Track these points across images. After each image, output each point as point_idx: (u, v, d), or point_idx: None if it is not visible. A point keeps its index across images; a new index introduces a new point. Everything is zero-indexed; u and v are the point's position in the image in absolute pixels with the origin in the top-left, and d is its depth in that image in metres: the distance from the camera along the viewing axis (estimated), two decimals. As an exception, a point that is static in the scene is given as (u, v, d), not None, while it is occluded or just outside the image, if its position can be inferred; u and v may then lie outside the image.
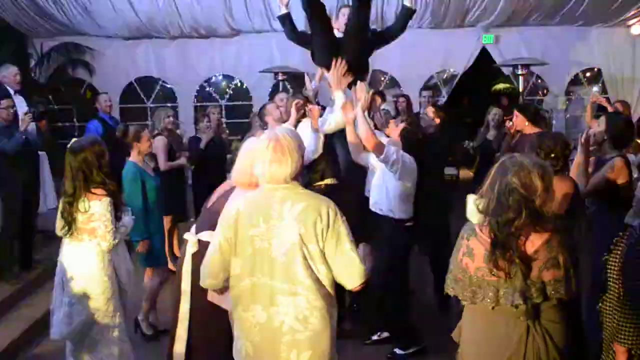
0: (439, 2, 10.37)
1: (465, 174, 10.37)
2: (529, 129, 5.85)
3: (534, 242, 2.51)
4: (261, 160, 2.81)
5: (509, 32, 11.27)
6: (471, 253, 2.61)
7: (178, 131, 9.69)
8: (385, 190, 4.93)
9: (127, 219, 4.19)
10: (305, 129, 5.07)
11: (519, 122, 5.94)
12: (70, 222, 3.91)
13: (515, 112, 6.00)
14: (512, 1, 10.37)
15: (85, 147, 3.96)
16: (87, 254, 3.95)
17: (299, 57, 10.92)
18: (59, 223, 3.98)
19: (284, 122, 5.29)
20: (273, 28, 10.80)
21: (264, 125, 5.67)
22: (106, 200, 3.91)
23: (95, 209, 3.89)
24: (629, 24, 11.20)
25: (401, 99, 9.20)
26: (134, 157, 5.26)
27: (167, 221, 7.02)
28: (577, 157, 4.51)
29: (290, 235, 2.72)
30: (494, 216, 2.53)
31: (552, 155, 4.05)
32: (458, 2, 10.43)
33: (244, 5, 10.24)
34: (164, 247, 5.67)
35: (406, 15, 6.38)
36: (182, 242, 3.71)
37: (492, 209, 2.54)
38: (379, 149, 4.61)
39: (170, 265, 6.61)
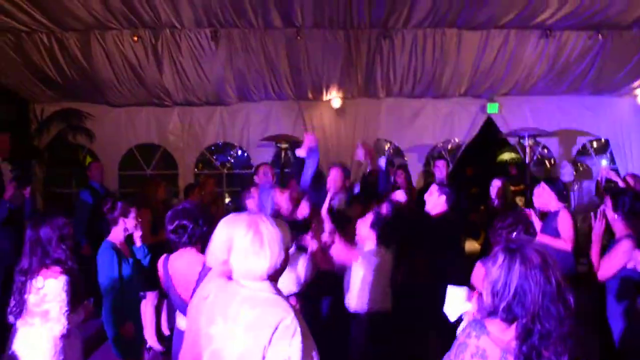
0: (441, 72, 10.34)
1: (472, 246, 10.07)
2: (555, 204, 5.73)
3: None
4: (238, 250, 2.54)
5: (514, 101, 11.22)
6: (484, 355, 2.31)
7: (175, 200, 9.53)
8: None
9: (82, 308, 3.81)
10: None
11: (545, 196, 5.80)
12: (21, 303, 3.54)
13: (543, 186, 5.86)
14: (517, 70, 10.34)
15: (45, 221, 3.68)
16: (37, 341, 3.59)
17: (300, 126, 10.95)
18: (12, 303, 3.62)
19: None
20: (276, 96, 10.80)
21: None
22: (63, 279, 3.57)
23: (50, 288, 3.53)
24: (636, 94, 11.08)
25: (399, 172, 9.07)
26: (113, 236, 4.85)
27: (152, 297, 6.70)
28: (593, 236, 4.52)
29: (241, 343, 2.41)
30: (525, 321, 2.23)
31: None
32: (461, 71, 10.39)
33: (247, 74, 10.14)
34: (140, 336, 5.24)
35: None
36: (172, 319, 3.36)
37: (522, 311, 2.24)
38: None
39: (158, 345, 6.23)
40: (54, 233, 3.66)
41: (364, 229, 4.96)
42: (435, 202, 6.01)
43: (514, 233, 3.88)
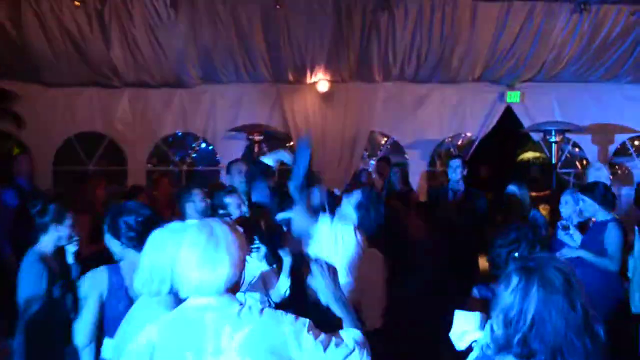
0: (450, 51, 10.37)
1: (484, 264, 10.04)
2: (603, 214, 5.77)
3: None
4: (184, 260, 2.49)
5: (540, 89, 11.26)
6: None
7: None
8: None
9: None
10: None
11: (587, 207, 5.84)
12: None
13: (582, 198, 5.93)
14: (543, 51, 10.38)
15: None
16: None
17: (278, 114, 10.92)
18: None
19: None
20: (249, 78, 10.82)
21: None
22: None
23: None
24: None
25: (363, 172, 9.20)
26: (42, 246, 4.69)
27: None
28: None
29: None
30: None
31: None
32: (475, 51, 10.43)
33: (213, 51, 10.10)
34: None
35: None
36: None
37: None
38: None
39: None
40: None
41: None
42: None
43: (516, 253, 3.87)
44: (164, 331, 2.48)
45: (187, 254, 2.48)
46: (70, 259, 4.90)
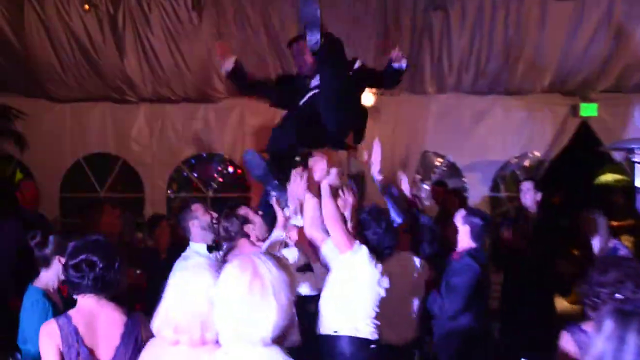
0: (516, 57, 10.25)
1: (560, 304, 9.84)
2: None
3: None
4: (225, 304, 2.49)
5: (620, 100, 11.11)
6: None
7: (140, 235, 9.43)
8: None
9: None
10: None
11: None
12: None
13: None
14: (625, 56, 10.20)
15: None
16: None
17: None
18: None
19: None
20: None
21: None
22: None
23: None
24: None
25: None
26: (42, 282, 4.80)
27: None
28: None
29: None
30: None
31: None
32: (544, 57, 10.28)
33: (242, 59, 10.02)
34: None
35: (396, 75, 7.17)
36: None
37: None
38: None
39: None
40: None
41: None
42: (460, 234, 6.08)
43: (619, 294, 3.63)
44: None
45: (226, 297, 2.46)
46: None
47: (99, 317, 3.80)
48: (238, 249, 5.15)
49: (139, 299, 5.87)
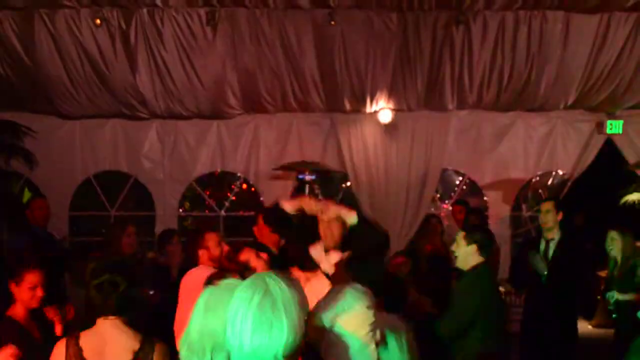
0: (539, 73, 10.14)
1: (583, 327, 9.73)
2: None
3: None
4: (236, 322, 2.46)
5: (647, 117, 10.94)
6: None
7: (151, 254, 9.34)
8: None
9: None
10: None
11: None
12: None
13: None
14: (651, 71, 10.06)
15: None
16: None
17: (333, 149, 10.79)
18: None
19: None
20: (299, 107, 10.78)
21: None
22: None
23: None
24: None
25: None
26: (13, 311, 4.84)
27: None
28: None
29: None
30: None
31: None
32: (568, 73, 10.18)
33: (257, 75, 10.04)
34: None
35: None
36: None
37: None
38: None
39: None
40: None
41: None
42: (465, 254, 5.90)
43: None
44: None
45: (237, 315, 2.45)
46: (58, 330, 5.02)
47: (110, 342, 3.78)
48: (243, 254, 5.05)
49: (153, 320, 5.81)
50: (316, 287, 4.53)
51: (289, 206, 5.58)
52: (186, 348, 3.04)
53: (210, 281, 5.08)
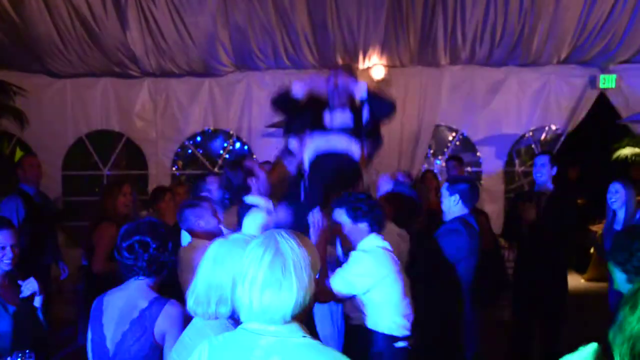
0: (531, 27, 10.14)
1: (575, 282, 9.86)
2: None
3: None
4: (246, 280, 2.47)
5: (640, 72, 10.95)
6: None
7: (144, 213, 9.38)
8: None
9: None
10: None
11: None
12: None
13: None
14: (645, 23, 10.06)
15: None
16: None
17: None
18: None
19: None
20: (291, 63, 10.77)
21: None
22: None
23: None
24: None
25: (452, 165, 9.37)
26: None
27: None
28: None
29: None
30: None
31: None
32: (561, 27, 10.18)
33: (248, 31, 10.02)
34: None
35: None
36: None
37: None
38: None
39: None
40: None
41: None
42: (449, 207, 5.96)
43: None
44: (214, 350, 2.54)
45: (248, 274, 2.46)
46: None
47: (126, 296, 3.83)
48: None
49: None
50: None
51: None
52: (193, 300, 3.09)
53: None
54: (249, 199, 5.50)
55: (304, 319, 2.52)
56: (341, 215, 4.69)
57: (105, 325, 3.81)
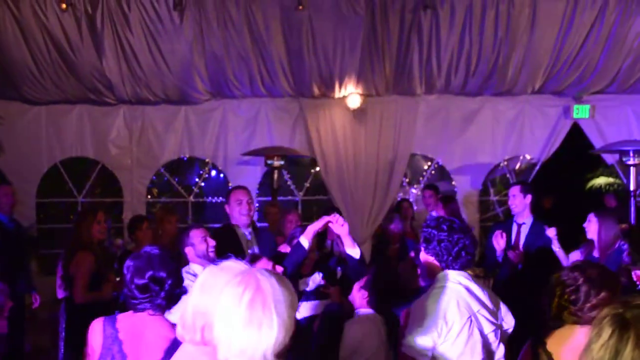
0: (506, 58, 10.23)
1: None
2: None
3: None
4: (225, 318, 2.43)
5: (613, 102, 11.13)
6: None
7: (119, 241, 9.36)
8: None
9: None
10: None
11: None
12: None
13: None
14: (618, 57, 10.22)
15: None
16: None
17: (301, 134, 10.82)
18: None
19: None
20: (267, 91, 10.77)
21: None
22: None
23: None
24: None
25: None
26: None
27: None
28: None
29: None
30: None
31: None
32: (535, 58, 10.27)
33: (224, 60, 10.05)
34: None
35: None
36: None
37: None
38: None
39: None
40: None
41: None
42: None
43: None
44: None
45: (227, 312, 2.42)
46: None
47: (146, 328, 3.78)
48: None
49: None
50: None
51: None
52: (181, 325, 3.04)
53: None
54: None
55: (285, 356, 2.48)
56: None
57: (128, 353, 3.78)
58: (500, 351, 4.10)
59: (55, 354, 7.57)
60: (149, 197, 11.47)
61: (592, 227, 7.43)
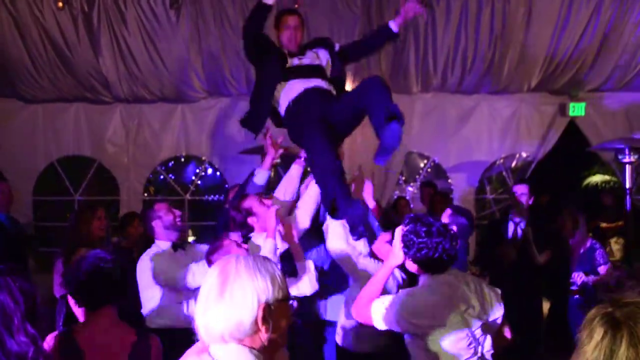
0: (502, 55, 10.23)
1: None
2: None
3: None
4: (201, 299, 2.44)
5: (609, 100, 11.11)
6: None
7: (114, 238, 9.36)
8: None
9: None
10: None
11: None
12: None
13: None
14: (614, 54, 10.22)
15: None
16: None
17: None
18: None
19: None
20: None
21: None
22: None
23: None
24: None
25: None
26: None
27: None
28: None
29: None
30: None
31: None
32: (532, 55, 10.27)
33: (221, 58, 10.07)
34: None
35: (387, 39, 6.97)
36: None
37: None
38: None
39: None
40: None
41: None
42: None
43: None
44: None
45: (204, 295, 2.41)
46: None
47: (107, 335, 3.74)
48: (223, 250, 5.09)
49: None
50: None
51: None
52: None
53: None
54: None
55: (256, 346, 2.41)
56: None
57: None
58: (487, 343, 4.09)
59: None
60: (146, 195, 11.46)
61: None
